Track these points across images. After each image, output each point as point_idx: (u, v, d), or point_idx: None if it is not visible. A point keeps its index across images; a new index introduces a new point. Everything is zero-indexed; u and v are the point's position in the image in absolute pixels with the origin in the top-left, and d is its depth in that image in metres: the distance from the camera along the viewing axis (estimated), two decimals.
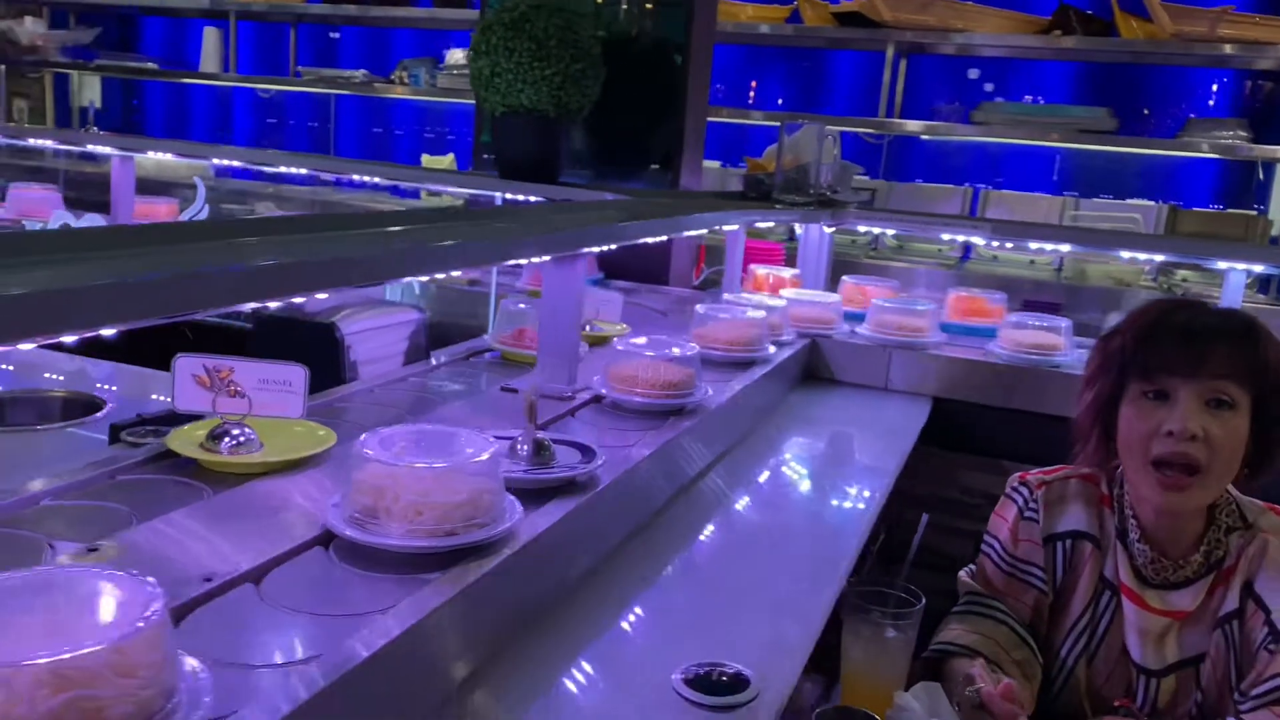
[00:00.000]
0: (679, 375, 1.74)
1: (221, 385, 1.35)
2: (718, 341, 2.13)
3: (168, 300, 0.77)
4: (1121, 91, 5.03)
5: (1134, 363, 1.53)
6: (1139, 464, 1.53)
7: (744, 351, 2.14)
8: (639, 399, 1.71)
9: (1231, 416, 1.48)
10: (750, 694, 1.02)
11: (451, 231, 1.23)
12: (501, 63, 2.65)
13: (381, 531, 1.06)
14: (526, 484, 1.28)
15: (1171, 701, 1.60)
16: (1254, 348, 1.50)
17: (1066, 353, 2.42)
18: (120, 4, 6.43)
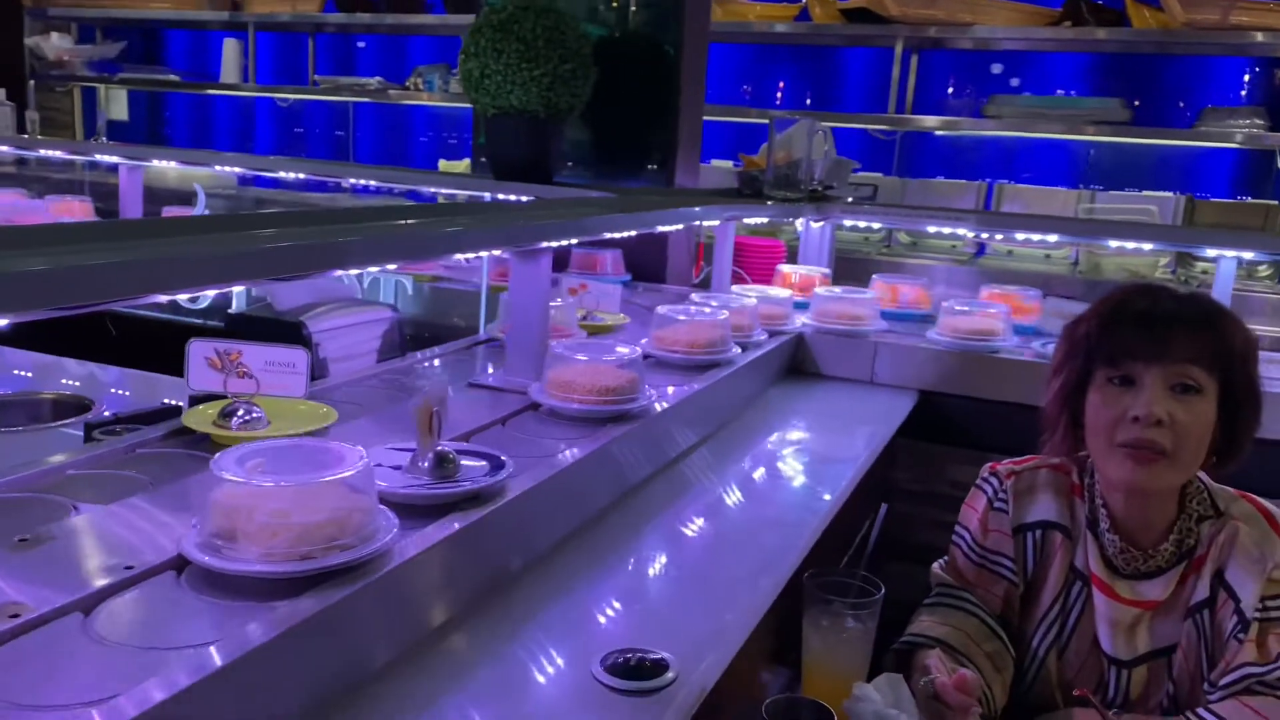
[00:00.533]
0: (618, 380, 1.66)
1: (231, 367, 1.48)
2: (677, 344, 2.06)
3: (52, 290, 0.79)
4: (1136, 82, 4.97)
5: (1099, 349, 1.53)
6: (1105, 448, 1.52)
7: (704, 354, 2.06)
8: (575, 406, 1.63)
9: (1197, 401, 1.46)
10: (666, 679, 1.03)
11: (394, 226, 1.25)
12: (491, 64, 2.67)
13: (236, 556, 0.98)
14: (420, 500, 1.20)
15: (1143, 692, 1.58)
16: (1217, 332, 1.49)
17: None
18: (144, 18, 6.56)
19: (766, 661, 1.55)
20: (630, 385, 1.67)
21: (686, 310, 2.13)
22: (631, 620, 1.20)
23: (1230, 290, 2.28)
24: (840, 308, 2.49)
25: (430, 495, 1.21)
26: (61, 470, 1.28)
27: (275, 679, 0.90)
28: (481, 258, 2.81)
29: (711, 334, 2.08)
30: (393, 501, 1.16)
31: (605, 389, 1.63)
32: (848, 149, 5.33)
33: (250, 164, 3.24)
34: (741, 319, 2.23)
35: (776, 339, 2.37)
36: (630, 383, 1.67)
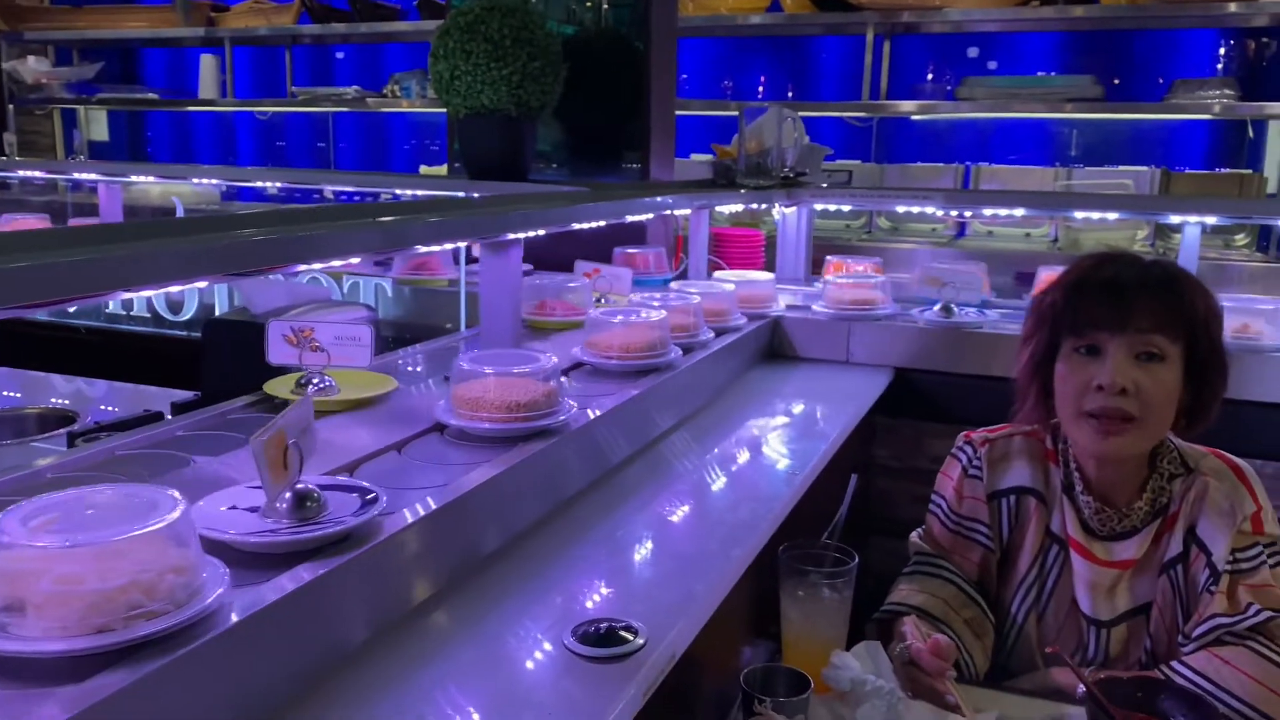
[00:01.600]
0: (532, 394, 1.50)
1: (305, 342, 1.66)
2: (611, 349, 1.91)
3: None
4: (1110, 58, 5.00)
5: (1064, 319, 1.55)
6: (1073, 417, 1.55)
7: (639, 358, 1.90)
8: (485, 425, 1.48)
9: (1161, 369, 1.49)
10: (635, 645, 1.05)
11: (358, 221, 1.27)
12: (460, 65, 2.69)
13: (20, 633, 0.82)
14: (268, 548, 1.04)
15: (1123, 650, 1.61)
16: (1179, 298, 1.51)
17: None
18: (120, 38, 6.57)
19: (748, 635, 1.58)
20: (547, 399, 1.52)
21: (623, 311, 2.00)
22: (604, 593, 1.23)
23: (1196, 256, 2.31)
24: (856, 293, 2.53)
25: (280, 543, 1.04)
26: (42, 474, 1.30)
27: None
28: (461, 259, 2.84)
29: (649, 335, 1.93)
30: (245, 551, 1.03)
31: (517, 404, 1.48)
32: (825, 137, 5.36)
33: (226, 175, 3.26)
34: (721, 304, 2.25)
35: (755, 323, 2.40)
36: (547, 396, 1.52)
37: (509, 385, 1.51)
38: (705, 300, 2.24)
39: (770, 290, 2.60)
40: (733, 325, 2.34)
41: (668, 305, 2.12)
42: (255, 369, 1.62)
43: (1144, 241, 4.51)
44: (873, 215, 4.92)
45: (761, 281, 2.62)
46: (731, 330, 2.31)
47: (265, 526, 1.06)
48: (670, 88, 3.28)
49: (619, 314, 1.97)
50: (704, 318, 2.20)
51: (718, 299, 2.30)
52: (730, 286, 2.36)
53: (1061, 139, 5.14)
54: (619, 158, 3.25)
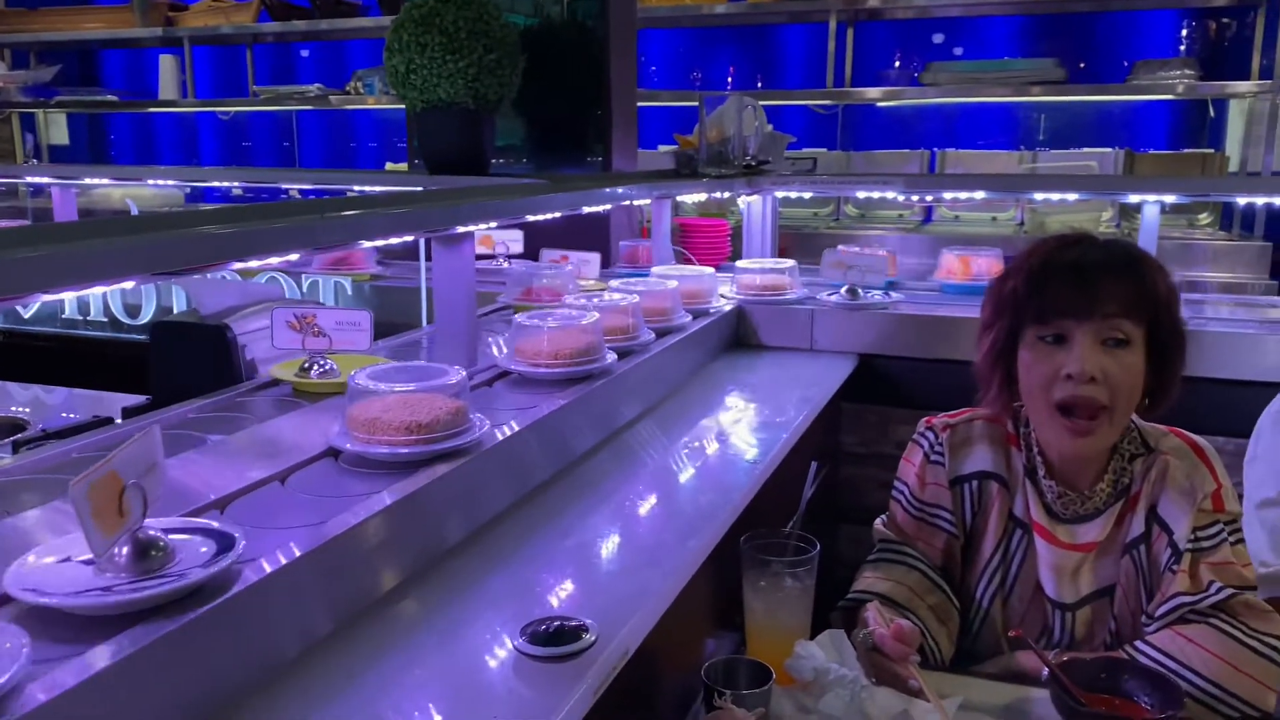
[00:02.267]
0: (435, 413, 1.36)
1: (308, 328, 1.75)
2: (540, 356, 1.77)
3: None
4: (1073, 40, 5.03)
5: (1027, 307, 1.52)
6: (1042, 409, 1.53)
7: (569, 365, 1.76)
8: (383, 449, 1.32)
9: (1127, 354, 1.48)
10: (585, 643, 1.03)
11: (304, 217, 1.24)
12: (415, 59, 2.65)
13: None
14: (98, 609, 0.88)
15: (1088, 632, 1.60)
16: (1142, 280, 1.50)
17: None
18: (78, 39, 6.47)
19: (711, 627, 1.56)
20: (453, 418, 1.37)
21: (553, 314, 1.85)
22: (563, 588, 1.21)
23: (1156, 236, 2.32)
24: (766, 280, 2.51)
25: (109, 604, 0.88)
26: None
27: None
28: (421, 255, 2.81)
29: (580, 341, 1.78)
30: (74, 613, 0.88)
31: (418, 425, 1.33)
32: (792, 125, 5.35)
33: (182, 176, 3.21)
34: (663, 302, 2.18)
35: (700, 320, 2.33)
36: (454, 415, 1.38)
37: (410, 404, 1.36)
38: (645, 299, 2.13)
39: (712, 284, 2.50)
40: (676, 324, 2.20)
41: (604, 306, 1.98)
42: (205, 370, 1.59)
43: (1109, 222, 4.53)
44: (840, 203, 4.93)
45: (704, 276, 2.53)
46: (675, 330, 2.18)
47: (97, 584, 0.89)
48: (631, 78, 3.26)
49: (549, 316, 1.84)
50: (643, 317, 2.05)
51: (658, 297, 2.19)
52: (673, 283, 2.24)
53: (1027, 122, 5.16)
54: (582, 150, 3.22)
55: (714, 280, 2.49)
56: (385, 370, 1.44)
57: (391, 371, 1.43)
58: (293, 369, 1.75)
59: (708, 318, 2.34)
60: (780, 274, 2.59)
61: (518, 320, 1.81)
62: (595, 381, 1.77)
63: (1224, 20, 4.84)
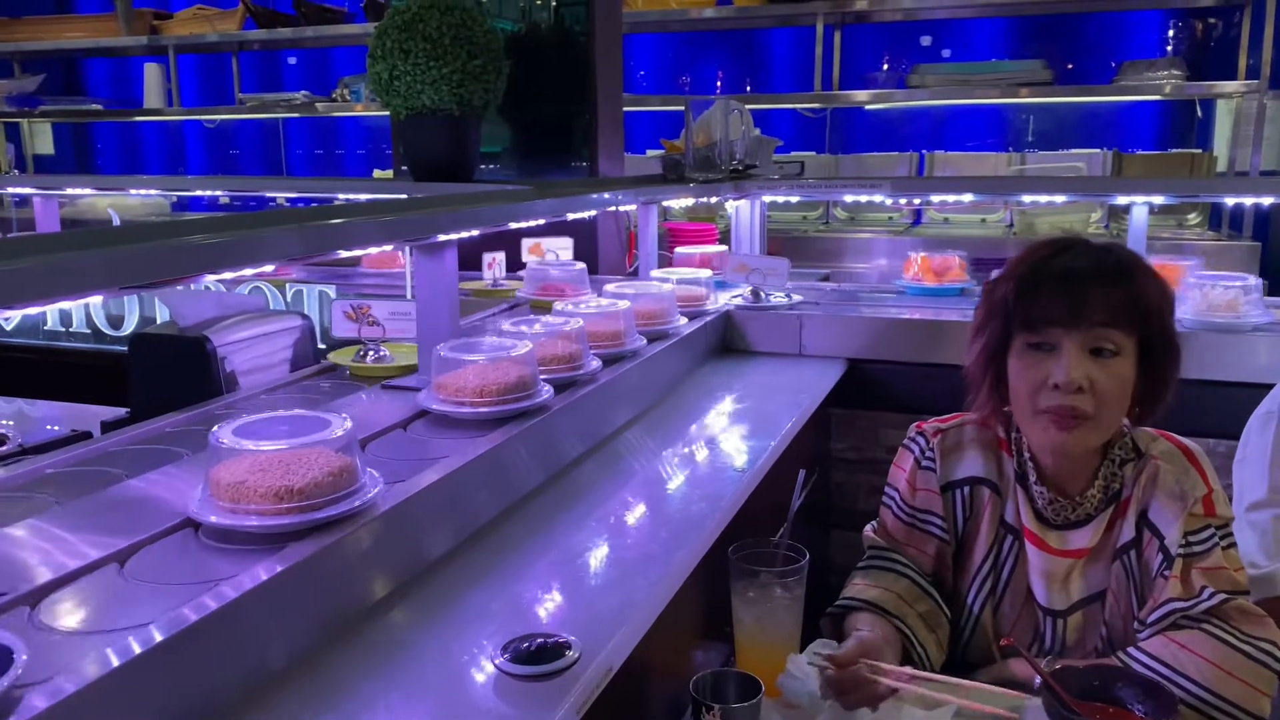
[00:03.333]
0: (311, 477, 1.13)
1: (363, 318, 1.92)
2: (464, 393, 1.54)
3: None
4: (1060, 42, 5.03)
5: (1016, 314, 1.51)
6: (1028, 413, 1.51)
7: (498, 404, 1.54)
8: (251, 520, 1.10)
9: (1116, 363, 1.46)
10: (567, 660, 1.01)
11: (280, 227, 1.22)
12: (399, 65, 2.63)
13: None
14: None
15: (1079, 638, 1.59)
16: (1132, 288, 1.48)
17: None
18: (62, 49, 6.43)
19: (699, 639, 1.54)
20: (335, 480, 1.15)
21: (482, 344, 1.63)
22: (547, 602, 1.19)
23: (1145, 236, 2.31)
24: None
25: None
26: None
27: None
28: (407, 263, 2.78)
29: (509, 375, 1.57)
30: None
31: (289, 491, 1.11)
32: (779, 129, 5.34)
33: (166, 185, 3.19)
34: (659, 305, 2.16)
35: (655, 345, 2.17)
36: (336, 476, 1.15)
37: (285, 464, 1.14)
38: (595, 321, 1.94)
39: (668, 304, 2.23)
40: (628, 349, 1.97)
41: (547, 333, 1.79)
42: (185, 383, 1.57)
43: (1098, 223, 4.53)
44: (829, 207, 4.92)
45: (661, 295, 2.25)
46: (627, 357, 1.96)
47: None
48: (617, 83, 3.25)
49: (476, 349, 1.62)
50: (587, 343, 1.84)
51: (608, 319, 1.97)
52: (625, 304, 2.03)
53: (1015, 124, 5.16)
54: (568, 155, 3.20)
55: (710, 285, 2.47)
56: (256, 424, 1.21)
57: (262, 425, 1.21)
58: (349, 355, 1.95)
59: (699, 321, 2.32)
60: (697, 285, 2.49)
61: (439, 351, 1.59)
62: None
63: (1210, 20, 4.84)
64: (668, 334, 2.14)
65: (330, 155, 6.49)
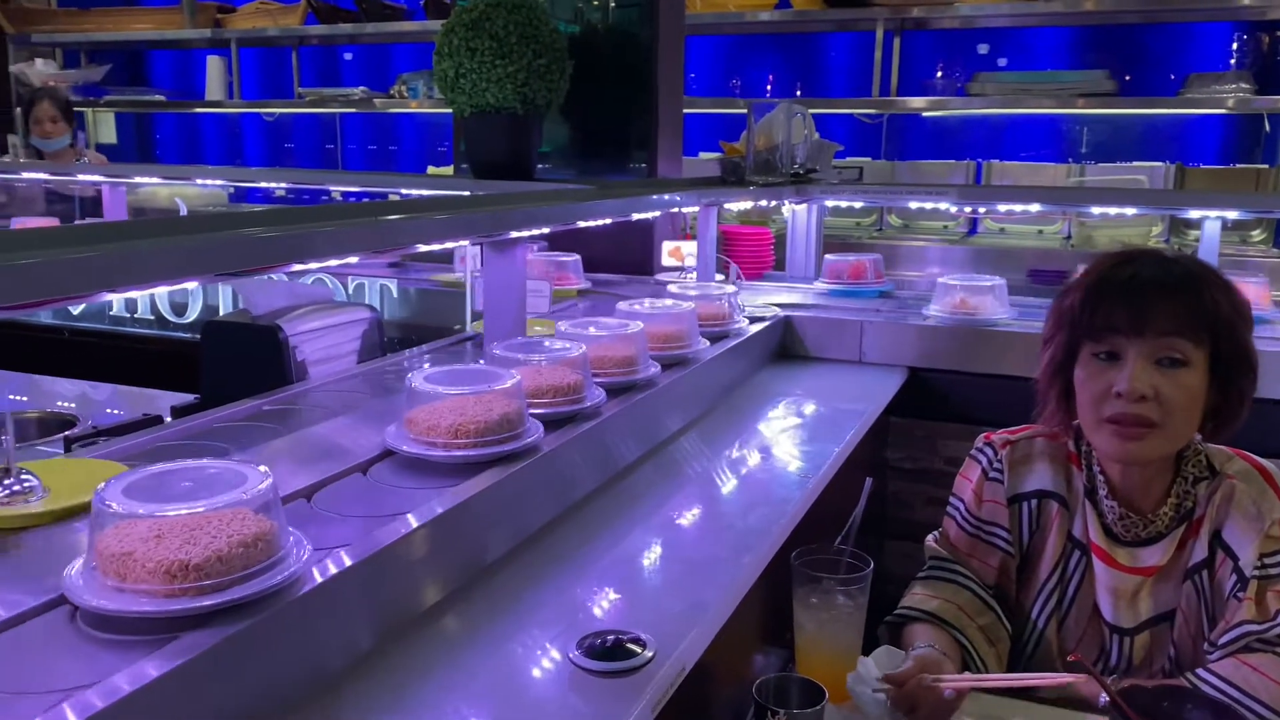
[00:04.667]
0: (215, 548, 0.91)
1: None
2: (437, 431, 1.34)
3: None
4: (1122, 53, 4.95)
5: (1082, 323, 1.50)
6: (1092, 423, 1.50)
7: (471, 447, 1.31)
8: (143, 604, 0.89)
9: (1184, 373, 1.44)
10: (643, 659, 1.01)
11: (357, 220, 1.24)
12: (465, 63, 2.65)
13: None
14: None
15: (1146, 657, 1.56)
16: (1200, 299, 1.46)
17: None
18: (128, 40, 6.56)
19: (760, 643, 1.54)
20: (247, 552, 0.93)
21: (455, 374, 1.41)
22: (614, 602, 1.19)
23: (1216, 252, 2.27)
24: None
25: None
26: None
27: None
28: (465, 258, 2.80)
29: (491, 412, 1.35)
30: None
31: (185, 568, 0.89)
32: (835, 134, 5.31)
33: (231, 176, 3.24)
34: (717, 308, 2.14)
35: (721, 343, 2.14)
36: (249, 548, 0.93)
37: (185, 530, 0.92)
38: (597, 348, 1.73)
39: (689, 325, 1.99)
40: (640, 378, 1.75)
41: (607, 335, 1.69)
42: (255, 371, 1.59)
43: (1158, 237, 4.46)
44: (883, 213, 4.88)
45: (681, 313, 2.00)
46: (640, 386, 1.75)
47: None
48: (678, 85, 3.25)
49: (457, 380, 1.40)
50: (589, 369, 1.63)
51: (673, 319, 1.87)
52: (689, 305, 1.95)
53: (1073, 135, 5.08)
54: (625, 156, 3.21)
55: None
56: (152, 477, 0.98)
57: (158, 479, 0.98)
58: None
59: (760, 324, 2.31)
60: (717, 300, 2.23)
61: (411, 381, 1.38)
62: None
63: (1278, 34, 4.75)
64: (728, 334, 2.13)
65: (384, 151, 6.55)
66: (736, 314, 2.25)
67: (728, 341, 2.15)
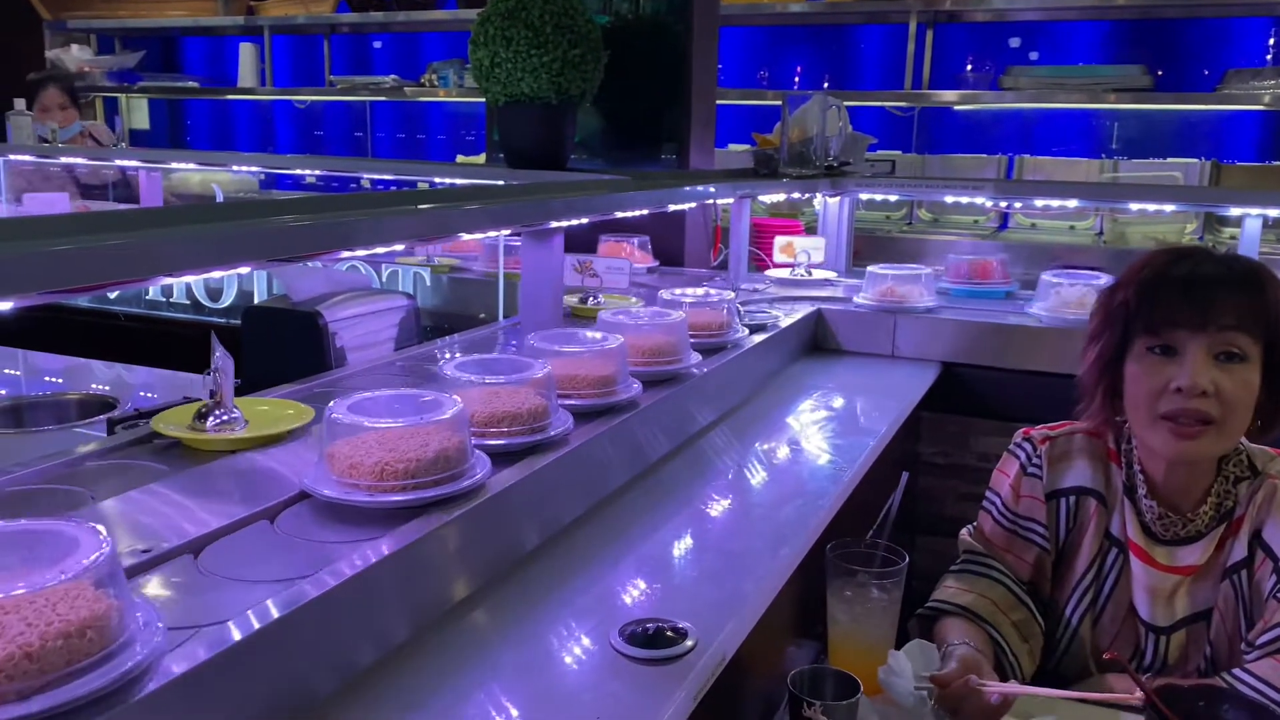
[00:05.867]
0: (40, 638, 0.72)
1: (586, 271, 2.36)
2: (361, 474, 1.13)
3: None
4: (1157, 48, 4.89)
5: (1138, 318, 1.48)
6: (1147, 419, 1.48)
7: (404, 490, 1.11)
8: None
9: (1242, 369, 1.43)
10: (685, 647, 1.02)
11: (404, 208, 1.25)
12: (500, 52, 2.66)
13: None
14: None
15: (1181, 656, 1.56)
16: (1261, 295, 1.44)
17: None
18: (161, 26, 6.62)
19: (793, 635, 1.54)
20: (84, 644, 0.74)
21: (400, 405, 1.21)
22: (651, 592, 1.19)
23: (1257, 250, 2.24)
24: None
25: None
26: (82, 461, 1.29)
27: None
28: (499, 247, 2.82)
29: (426, 449, 1.15)
30: None
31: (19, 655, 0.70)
32: (866, 127, 5.29)
33: (265, 163, 3.26)
34: (673, 336, 1.78)
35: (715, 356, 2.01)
36: (83, 637, 0.74)
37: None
38: (694, 313, 1.76)
39: (680, 337, 1.78)
40: (730, 339, 1.78)
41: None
42: (296, 356, 1.60)
43: (1193, 234, 4.41)
44: (913, 207, 4.86)
45: (676, 321, 1.78)
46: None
47: None
48: (711, 77, 3.24)
49: (389, 409, 1.20)
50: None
51: (711, 309, 1.80)
52: (730, 294, 1.95)
53: (1106, 130, 5.03)
54: (657, 147, 3.21)
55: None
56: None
57: None
58: (573, 298, 2.16)
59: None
60: (713, 309, 2.03)
61: (331, 412, 1.17)
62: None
63: None
64: (765, 327, 2.13)
65: (412, 139, 6.58)
66: (736, 323, 2.08)
67: (757, 335, 2.14)
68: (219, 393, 1.37)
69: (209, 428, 1.36)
